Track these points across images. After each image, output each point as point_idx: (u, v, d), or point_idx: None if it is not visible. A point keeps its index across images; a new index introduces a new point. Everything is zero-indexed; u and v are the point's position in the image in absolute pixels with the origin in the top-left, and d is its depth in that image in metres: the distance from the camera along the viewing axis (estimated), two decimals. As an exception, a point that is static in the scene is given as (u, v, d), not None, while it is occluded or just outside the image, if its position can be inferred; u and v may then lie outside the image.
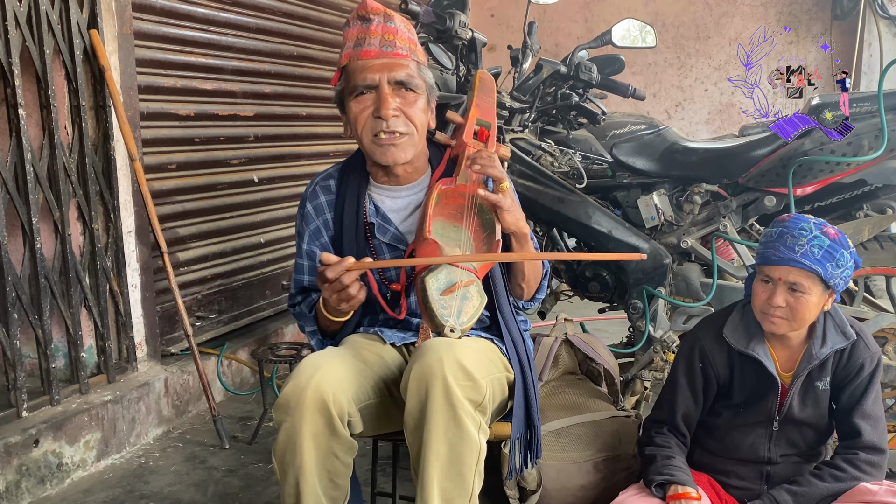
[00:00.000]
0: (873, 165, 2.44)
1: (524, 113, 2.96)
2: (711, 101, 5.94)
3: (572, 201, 2.75)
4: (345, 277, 1.61)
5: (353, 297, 1.65)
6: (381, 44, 1.76)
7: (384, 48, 1.76)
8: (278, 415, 1.61)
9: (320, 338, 1.90)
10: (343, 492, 1.68)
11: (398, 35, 1.79)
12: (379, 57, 1.76)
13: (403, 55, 1.78)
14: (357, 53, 1.78)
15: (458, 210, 1.75)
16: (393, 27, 1.79)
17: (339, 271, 1.60)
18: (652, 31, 3.13)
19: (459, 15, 2.66)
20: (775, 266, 1.83)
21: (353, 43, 1.79)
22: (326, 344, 1.89)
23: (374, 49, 1.76)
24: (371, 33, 1.77)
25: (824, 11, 5.56)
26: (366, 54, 1.76)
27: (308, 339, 1.92)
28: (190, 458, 2.89)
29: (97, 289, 2.87)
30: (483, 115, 1.89)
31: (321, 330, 1.89)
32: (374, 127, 1.76)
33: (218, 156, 3.56)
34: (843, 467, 1.87)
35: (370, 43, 1.77)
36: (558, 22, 6.07)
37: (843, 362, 1.92)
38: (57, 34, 2.65)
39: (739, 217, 2.70)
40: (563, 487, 2.23)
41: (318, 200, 1.92)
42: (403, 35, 1.80)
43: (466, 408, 1.54)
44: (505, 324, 1.83)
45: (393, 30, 1.78)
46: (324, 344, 1.89)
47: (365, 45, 1.77)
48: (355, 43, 1.79)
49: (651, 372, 2.74)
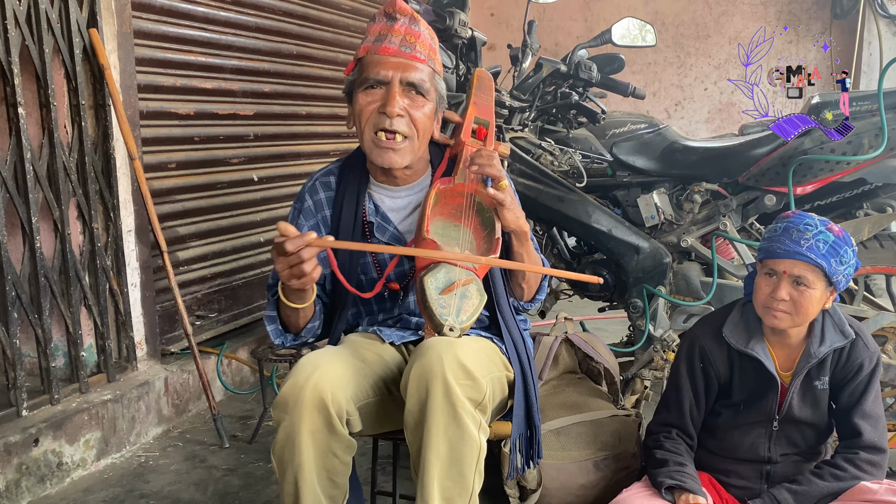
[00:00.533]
0: (873, 164, 2.44)
1: (524, 112, 2.96)
2: (711, 100, 5.95)
3: (572, 200, 2.75)
4: (304, 252, 1.56)
5: (306, 275, 1.59)
6: (402, 44, 1.76)
7: (403, 48, 1.76)
8: (277, 413, 1.60)
9: (278, 326, 1.82)
10: (342, 490, 1.68)
11: (420, 39, 1.78)
12: (396, 55, 1.75)
13: (421, 59, 1.77)
14: (376, 48, 1.77)
15: (457, 209, 1.75)
16: (416, 31, 1.79)
17: (300, 244, 1.55)
18: (652, 29, 3.13)
19: (459, 14, 2.66)
20: (780, 259, 1.84)
21: (375, 38, 1.79)
22: (281, 334, 1.83)
23: (393, 47, 1.76)
24: (394, 31, 1.77)
25: (824, 10, 5.56)
26: (384, 50, 1.76)
27: (266, 324, 1.84)
28: (190, 457, 2.89)
29: (97, 288, 2.87)
30: (481, 113, 1.89)
31: (281, 319, 1.82)
32: (377, 122, 1.76)
33: (217, 155, 3.56)
34: (843, 466, 1.87)
35: (391, 40, 1.76)
36: (558, 21, 6.07)
37: (843, 361, 1.92)
38: (56, 33, 2.65)
39: (739, 216, 2.70)
40: (564, 486, 2.23)
41: (318, 196, 1.92)
42: (425, 41, 1.80)
43: (466, 407, 1.53)
44: (504, 323, 1.82)
45: (416, 33, 1.78)
46: (279, 333, 1.83)
47: (385, 42, 1.77)
48: (376, 38, 1.79)
49: (651, 371, 2.74)
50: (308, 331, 1.84)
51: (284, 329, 1.84)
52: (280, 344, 1.86)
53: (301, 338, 1.86)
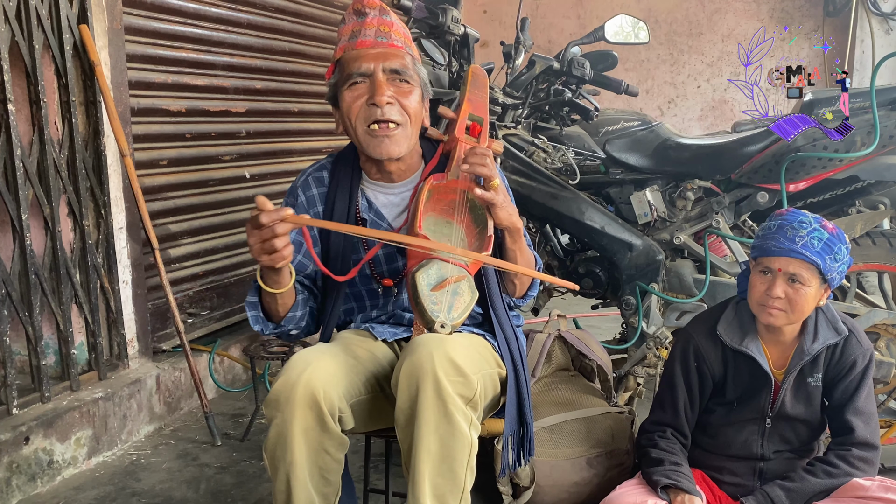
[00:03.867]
0: (866, 161, 2.45)
1: (517, 109, 2.96)
2: (704, 98, 5.95)
3: (565, 197, 2.75)
4: (277, 227, 1.54)
5: (277, 252, 1.56)
6: (377, 34, 1.77)
7: (379, 38, 1.76)
8: (269, 411, 1.60)
9: (259, 313, 1.80)
10: (334, 488, 1.67)
11: (393, 28, 1.79)
12: (374, 46, 1.76)
13: (398, 46, 1.78)
14: (352, 45, 1.77)
15: (449, 206, 1.74)
16: (388, 20, 1.79)
17: (275, 218, 1.54)
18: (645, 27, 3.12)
19: (452, 10, 2.66)
20: (775, 257, 1.84)
21: (348, 36, 1.79)
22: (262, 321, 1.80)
23: (369, 39, 1.76)
24: (367, 25, 1.77)
25: (816, 8, 5.58)
26: (361, 44, 1.76)
27: (247, 310, 1.81)
28: (182, 455, 2.88)
29: (88, 285, 2.86)
30: (475, 110, 1.89)
31: (262, 306, 1.79)
32: (369, 116, 1.75)
33: (209, 152, 3.54)
34: (835, 463, 1.88)
35: (365, 34, 1.77)
36: (551, 18, 6.07)
37: (836, 359, 1.92)
38: (46, 29, 2.63)
39: (732, 213, 2.70)
40: (557, 484, 2.23)
41: (311, 192, 1.91)
42: (399, 29, 1.81)
43: (457, 403, 1.53)
44: (497, 320, 1.82)
45: (388, 23, 1.79)
46: (259, 321, 1.80)
47: (360, 37, 1.77)
48: (350, 36, 1.79)
49: (644, 368, 2.75)
50: (289, 320, 1.80)
51: (267, 318, 1.81)
52: (260, 331, 1.82)
53: (282, 327, 1.81)
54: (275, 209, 1.55)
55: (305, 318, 1.85)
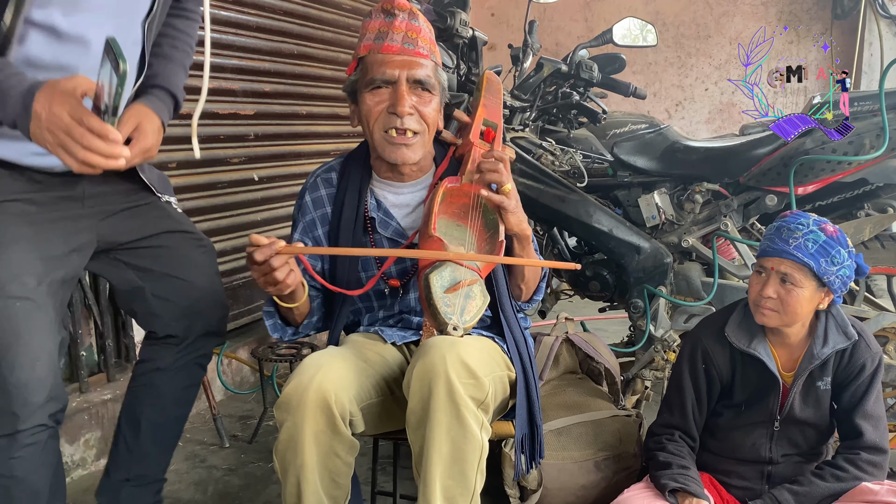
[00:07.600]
0: (874, 164, 2.44)
1: (525, 112, 2.96)
2: (712, 101, 5.95)
3: (573, 200, 2.75)
4: (273, 261, 1.57)
5: (280, 282, 1.60)
6: (404, 41, 1.77)
7: (406, 45, 1.76)
8: (280, 414, 1.60)
9: (276, 321, 1.84)
10: (344, 491, 1.68)
11: (421, 34, 1.79)
12: (400, 53, 1.76)
13: (424, 55, 1.78)
14: (378, 47, 1.77)
15: (462, 209, 1.75)
16: (417, 26, 1.79)
17: (268, 254, 1.56)
18: (653, 29, 3.13)
19: (460, 13, 2.66)
20: (769, 257, 1.85)
21: (375, 35, 1.79)
22: (280, 329, 1.85)
23: (396, 45, 1.76)
24: (395, 28, 1.77)
25: (825, 10, 5.57)
26: (387, 49, 1.76)
27: (265, 319, 1.86)
28: (190, 456, 2.89)
29: (97, 287, 2.87)
30: (490, 115, 1.90)
31: (279, 314, 1.84)
32: (388, 122, 1.76)
33: (218, 154, 3.55)
34: (844, 467, 1.87)
35: (392, 38, 1.77)
36: (559, 21, 6.08)
37: (845, 362, 1.92)
38: (57, 32, 2.64)
39: (740, 216, 2.70)
40: (564, 487, 2.23)
41: (318, 193, 1.92)
42: (426, 35, 1.81)
43: (469, 406, 1.53)
44: (507, 323, 1.82)
45: (417, 28, 1.79)
46: (278, 328, 1.85)
47: (387, 40, 1.77)
48: (377, 36, 1.79)
49: (652, 371, 2.74)
50: (306, 326, 1.86)
51: (285, 323, 1.85)
52: (279, 338, 1.87)
53: (300, 333, 1.87)
54: (267, 244, 1.56)
55: (321, 319, 1.90)
